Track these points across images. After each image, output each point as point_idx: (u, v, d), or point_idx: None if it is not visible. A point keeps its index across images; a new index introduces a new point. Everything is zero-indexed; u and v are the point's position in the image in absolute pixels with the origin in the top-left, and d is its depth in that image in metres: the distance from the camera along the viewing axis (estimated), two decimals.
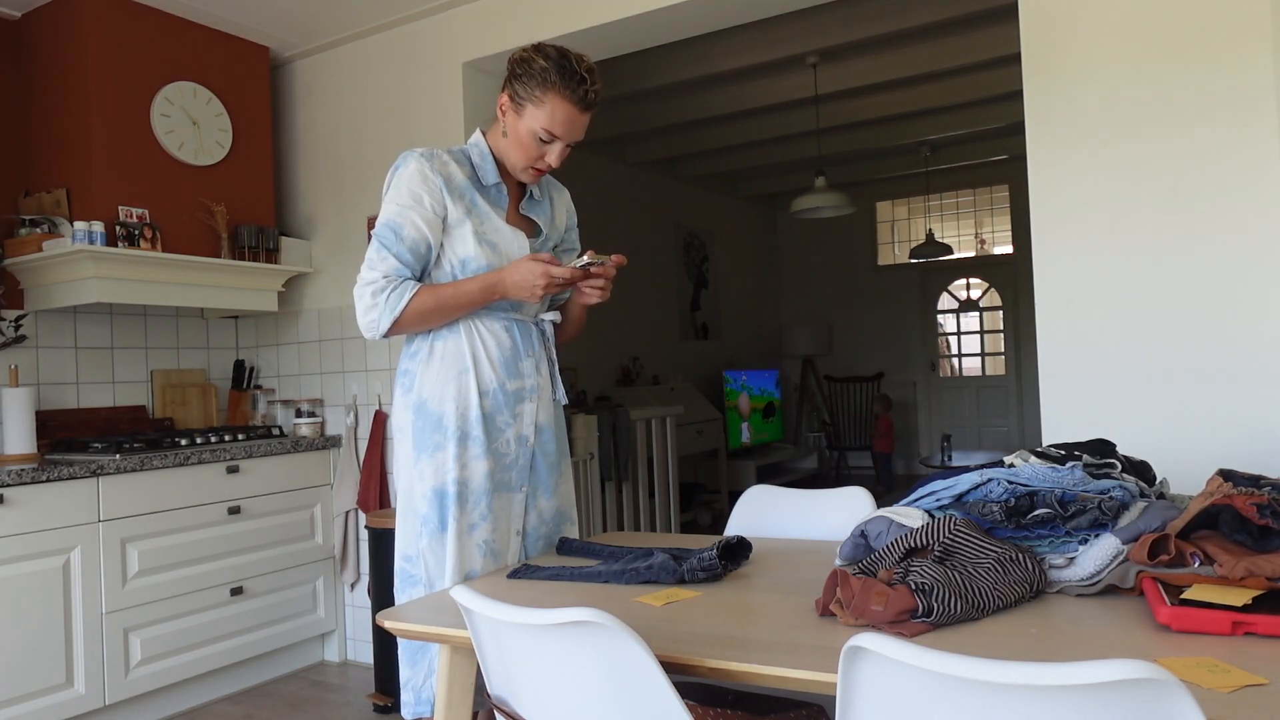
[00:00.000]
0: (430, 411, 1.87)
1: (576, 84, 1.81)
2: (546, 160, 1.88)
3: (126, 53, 3.34)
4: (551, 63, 1.81)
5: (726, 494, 6.80)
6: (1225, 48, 2.26)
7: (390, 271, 1.82)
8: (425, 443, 1.87)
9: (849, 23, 4.67)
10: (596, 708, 1.19)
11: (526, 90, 1.82)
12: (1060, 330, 2.46)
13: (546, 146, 1.86)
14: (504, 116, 1.88)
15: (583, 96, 1.82)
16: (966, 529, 1.42)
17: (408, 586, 1.91)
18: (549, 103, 1.81)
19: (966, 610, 1.29)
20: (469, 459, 1.86)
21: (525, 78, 1.82)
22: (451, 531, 1.84)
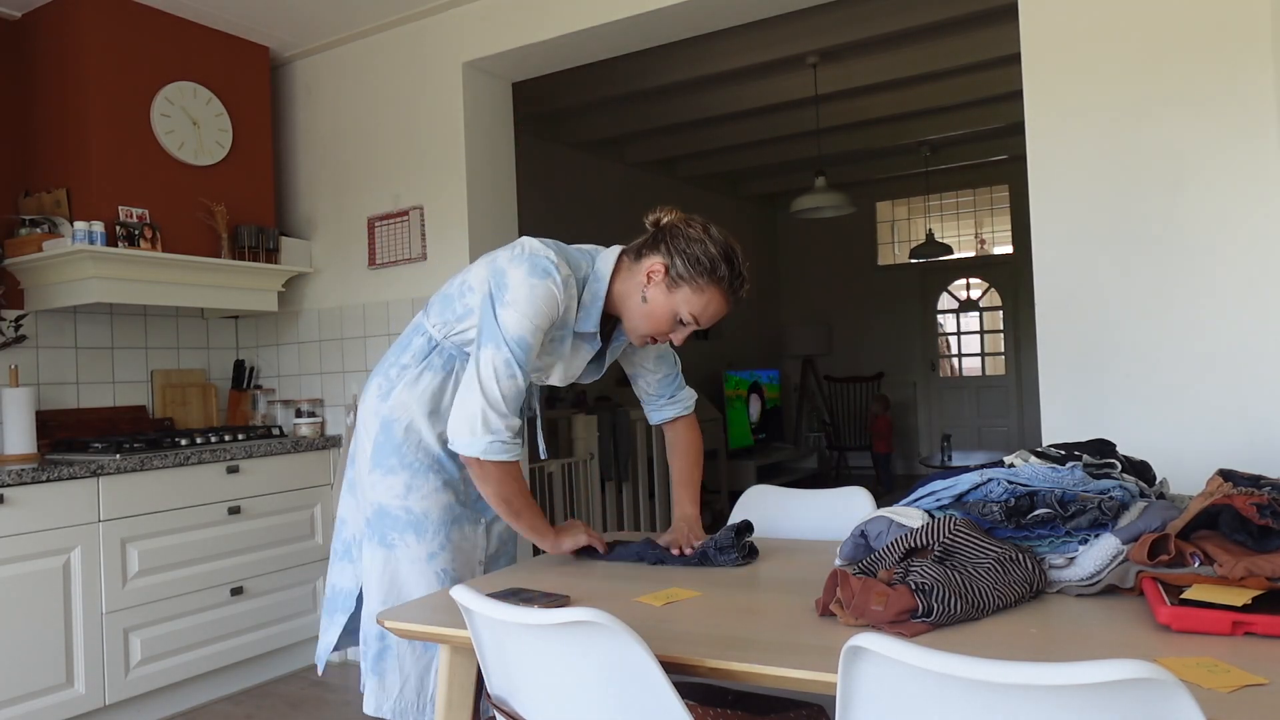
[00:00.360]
0: (393, 434, 1.87)
1: (739, 285, 1.76)
2: (674, 338, 1.82)
3: (126, 53, 3.34)
4: (720, 250, 1.74)
5: (727, 494, 6.80)
6: (1225, 47, 2.26)
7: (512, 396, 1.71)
8: (380, 460, 1.88)
9: (849, 23, 4.67)
10: (596, 708, 1.19)
11: (689, 272, 1.73)
12: (1060, 330, 2.46)
13: (682, 329, 1.79)
14: (648, 284, 1.76)
15: (735, 292, 1.77)
16: (966, 529, 1.42)
17: (345, 564, 1.98)
18: (709, 294, 1.74)
19: (966, 610, 1.29)
20: (426, 490, 1.86)
21: (692, 260, 1.73)
22: (403, 556, 1.86)
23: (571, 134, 6.34)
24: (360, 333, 3.80)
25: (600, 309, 1.81)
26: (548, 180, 6.19)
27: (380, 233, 3.72)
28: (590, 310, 1.81)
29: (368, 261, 3.76)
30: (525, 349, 1.71)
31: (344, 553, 2.00)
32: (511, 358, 1.70)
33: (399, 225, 3.66)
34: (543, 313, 1.72)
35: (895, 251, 9.05)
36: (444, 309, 1.88)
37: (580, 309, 1.81)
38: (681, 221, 1.78)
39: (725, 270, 1.73)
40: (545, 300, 1.71)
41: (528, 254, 1.75)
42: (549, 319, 1.73)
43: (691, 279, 1.73)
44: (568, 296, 1.75)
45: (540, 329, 1.72)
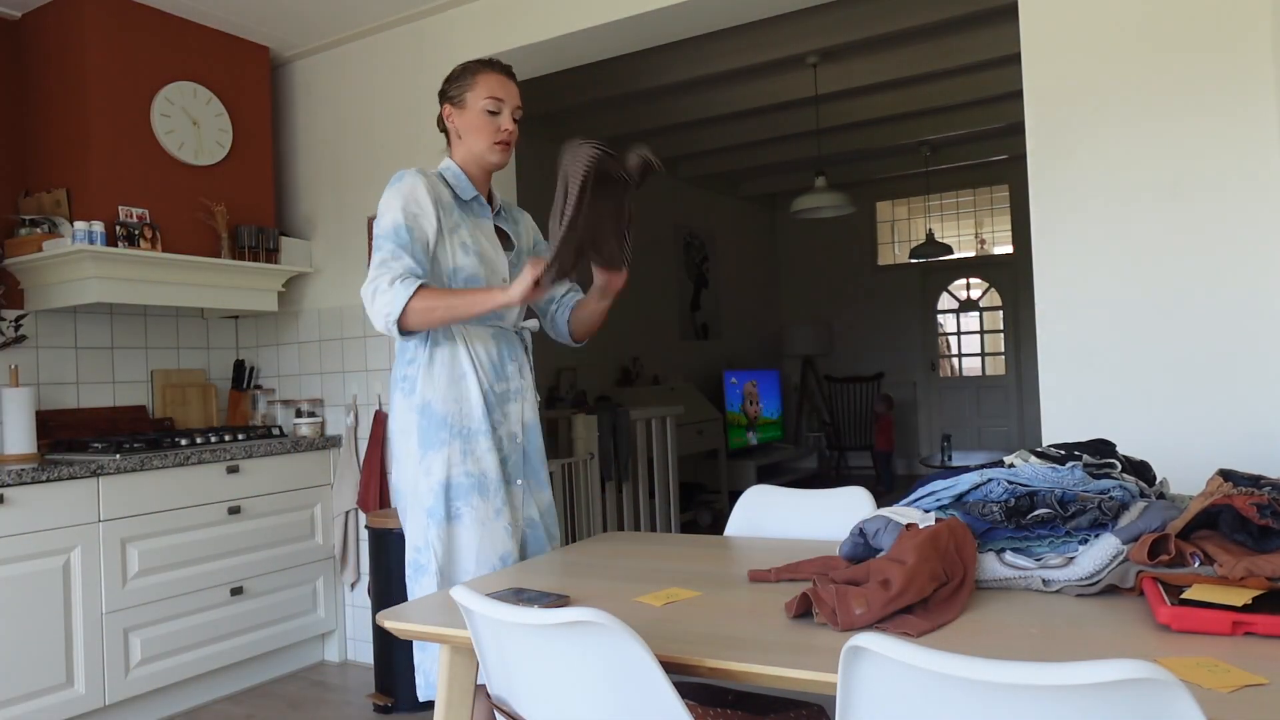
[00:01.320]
0: (435, 412, 2.00)
1: (493, 61, 2.11)
2: (504, 129, 2.08)
3: (126, 53, 3.34)
4: (463, 63, 2.12)
5: (726, 494, 6.80)
6: (1225, 47, 2.26)
7: (402, 270, 1.91)
8: (430, 440, 1.99)
9: (849, 23, 4.67)
10: (596, 708, 1.19)
11: (458, 89, 2.08)
12: (1060, 330, 2.46)
13: (498, 119, 2.08)
14: (453, 123, 2.11)
15: (503, 67, 2.12)
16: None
17: (419, 575, 2.00)
18: (480, 80, 2.07)
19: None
20: (480, 453, 2.00)
21: (453, 80, 2.10)
22: (472, 520, 1.97)
23: (571, 134, 6.32)
24: (360, 333, 3.80)
25: (465, 178, 2.09)
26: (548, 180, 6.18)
27: None
28: (459, 183, 2.09)
29: (368, 261, 3.75)
30: (393, 230, 1.94)
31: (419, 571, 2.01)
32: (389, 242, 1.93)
33: None
34: (412, 199, 1.96)
35: (895, 251, 9.05)
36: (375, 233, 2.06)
37: (452, 188, 2.08)
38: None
39: (474, 63, 2.10)
40: (410, 190, 1.97)
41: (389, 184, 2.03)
42: (425, 200, 1.97)
43: (461, 89, 2.08)
44: (430, 184, 2.00)
45: (420, 206, 1.96)
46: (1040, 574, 1.43)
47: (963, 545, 1.42)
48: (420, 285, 1.90)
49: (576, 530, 4.45)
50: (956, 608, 1.34)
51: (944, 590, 1.36)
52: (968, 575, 1.40)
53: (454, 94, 2.10)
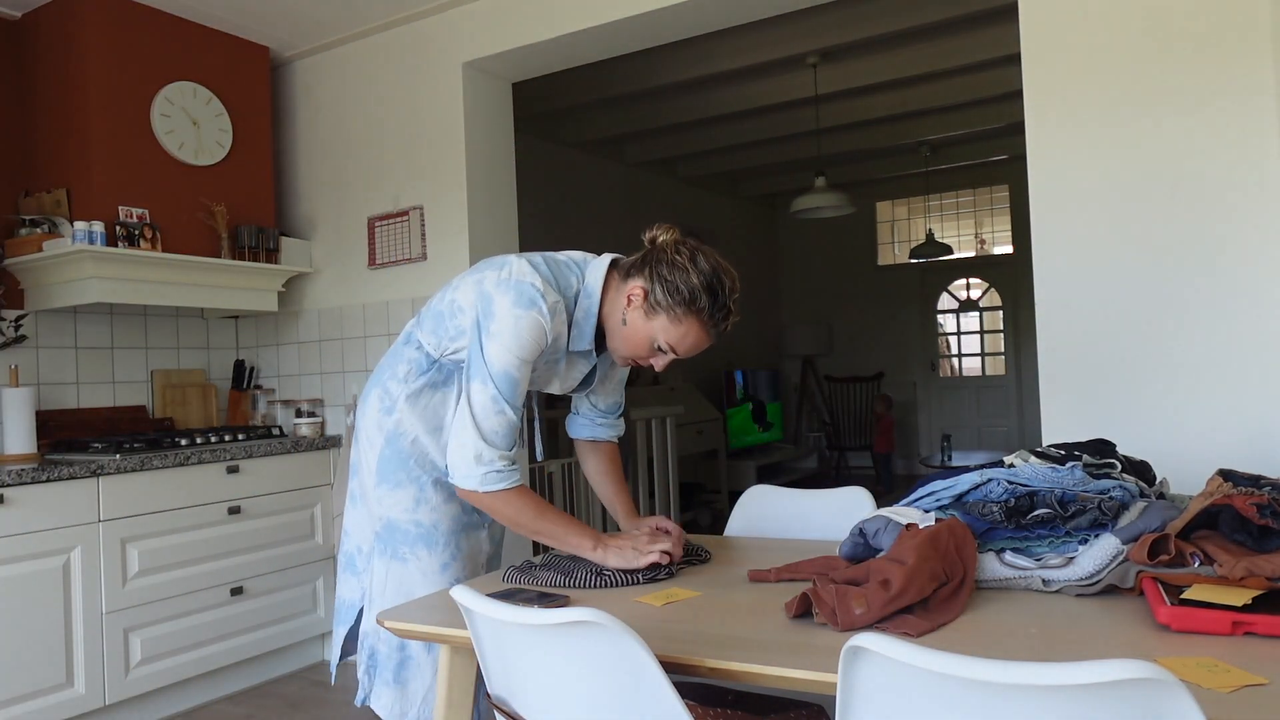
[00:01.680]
0: (400, 448, 1.86)
1: (721, 318, 1.71)
2: (654, 364, 1.78)
3: (126, 53, 3.34)
4: (703, 281, 1.67)
5: (726, 494, 6.80)
6: (1225, 48, 2.26)
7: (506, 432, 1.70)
8: (387, 474, 1.87)
9: (849, 23, 4.67)
10: (596, 708, 1.19)
11: (668, 300, 1.68)
12: (1060, 330, 2.46)
13: (660, 356, 1.76)
14: (629, 306, 1.73)
15: (715, 326, 1.72)
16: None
17: (348, 574, 1.97)
18: (686, 325, 1.69)
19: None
20: (435, 503, 1.86)
21: (672, 289, 1.67)
22: (415, 569, 1.85)
23: (571, 134, 6.34)
24: (360, 333, 3.80)
25: (594, 325, 1.79)
26: (548, 180, 6.19)
27: (380, 233, 3.72)
28: (584, 328, 1.79)
29: (368, 261, 3.76)
30: (510, 383, 1.69)
31: (347, 564, 1.99)
32: (498, 393, 1.68)
33: (399, 225, 3.66)
34: (527, 345, 1.69)
35: (895, 251, 9.04)
36: (436, 327, 1.86)
37: (574, 326, 1.78)
38: (671, 245, 1.72)
39: (706, 302, 1.68)
40: (531, 331, 1.69)
41: (514, 280, 1.70)
42: (535, 349, 1.71)
43: (670, 308, 1.68)
44: (557, 324, 1.72)
45: (526, 361, 1.70)
46: (1040, 574, 1.43)
47: (963, 545, 1.42)
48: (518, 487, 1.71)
49: None
50: (956, 608, 1.34)
51: (944, 590, 1.36)
52: (968, 575, 1.40)
53: (659, 297, 1.69)
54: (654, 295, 1.69)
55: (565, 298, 1.76)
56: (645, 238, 1.78)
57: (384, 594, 1.87)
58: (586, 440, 2.07)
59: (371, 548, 1.91)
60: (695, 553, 1.82)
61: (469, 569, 1.91)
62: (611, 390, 2.05)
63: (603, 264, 1.80)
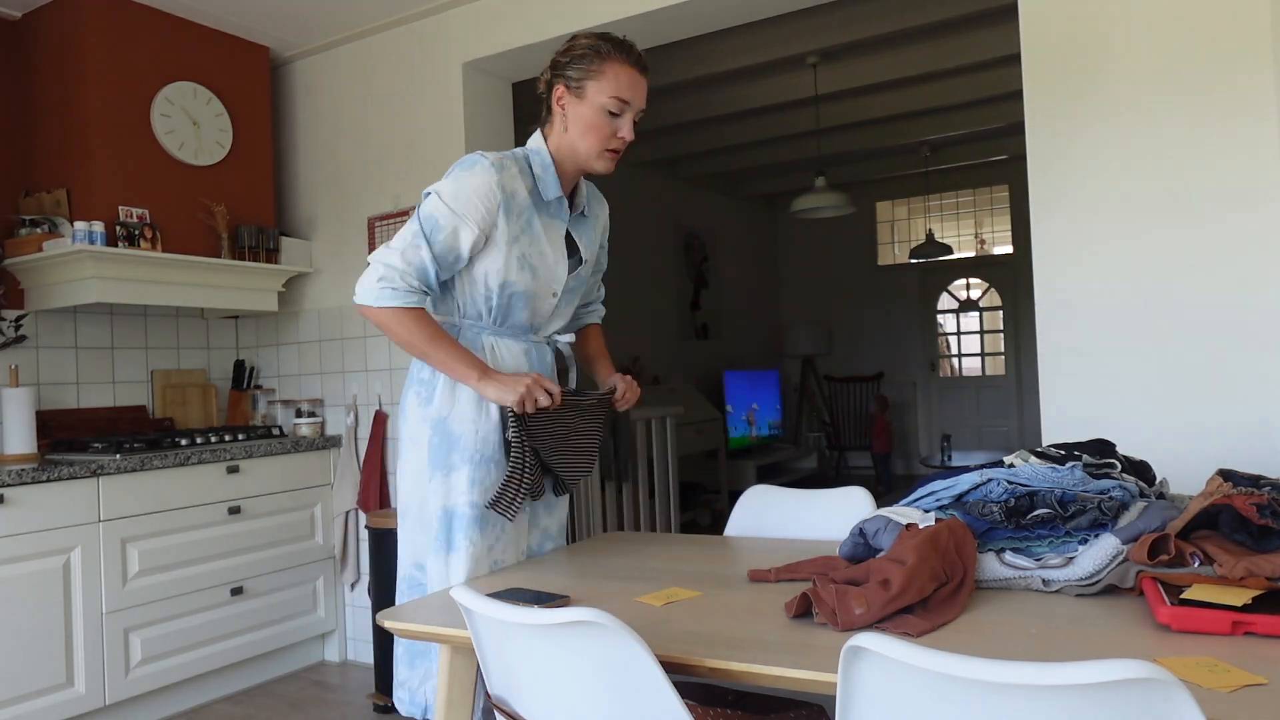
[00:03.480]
0: (450, 431, 1.84)
1: (628, 49, 1.81)
2: (620, 135, 1.84)
3: (126, 53, 3.34)
4: (594, 38, 1.81)
5: (726, 494, 6.80)
6: (1225, 47, 2.26)
7: (412, 268, 1.75)
8: (440, 461, 1.84)
9: (849, 23, 4.67)
10: (596, 708, 1.19)
11: (581, 71, 1.79)
12: (1060, 330, 2.46)
13: (618, 120, 1.82)
14: (564, 109, 1.83)
15: (637, 59, 1.82)
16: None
17: (415, 593, 1.91)
18: (610, 70, 1.79)
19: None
20: (490, 483, 1.84)
21: (577, 60, 1.80)
22: (466, 554, 1.82)
23: None
24: (360, 333, 3.80)
25: (554, 173, 1.86)
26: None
27: (380, 233, 3.72)
28: (546, 178, 1.86)
29: (368, 251, 3.75)
30: (432, 223, 1.75)
31: (412, 587, 1.94)
32: (419, 229, 1.76)
33: (399, 225, 3.66)
34: (469, 200, 1.75)
35: (895, 251, 9.04)
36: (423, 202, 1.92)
37: (536, 180, 1.86)
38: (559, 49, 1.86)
39: (607, 45, 1.79)
40: (475, 188, 1.76)
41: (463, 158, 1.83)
42: (482, 205, 1.76)
43: (586, 72, 1.79)
44: (507, 176, 1.79)
45: (472, 210, 1.75)
46: (1040, 574, 1.43)
47: (963, 545, 1.42)
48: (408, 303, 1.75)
49: (576, 530, 4.45)
50: (956, 608, 1.34)
51: (944, 590, 1.36)
52: (968, 575, 1.40)
53: (573, 76, 1.80)
54: (570, 81, 1.81)
55: (517, 160, 1.85)
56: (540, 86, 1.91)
57: (445, 585, 1.83)
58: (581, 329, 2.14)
59: (428, 550, 1.87)
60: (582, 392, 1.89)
61: (513, 553, 1.90)
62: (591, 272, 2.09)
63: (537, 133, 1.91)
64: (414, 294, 1.77)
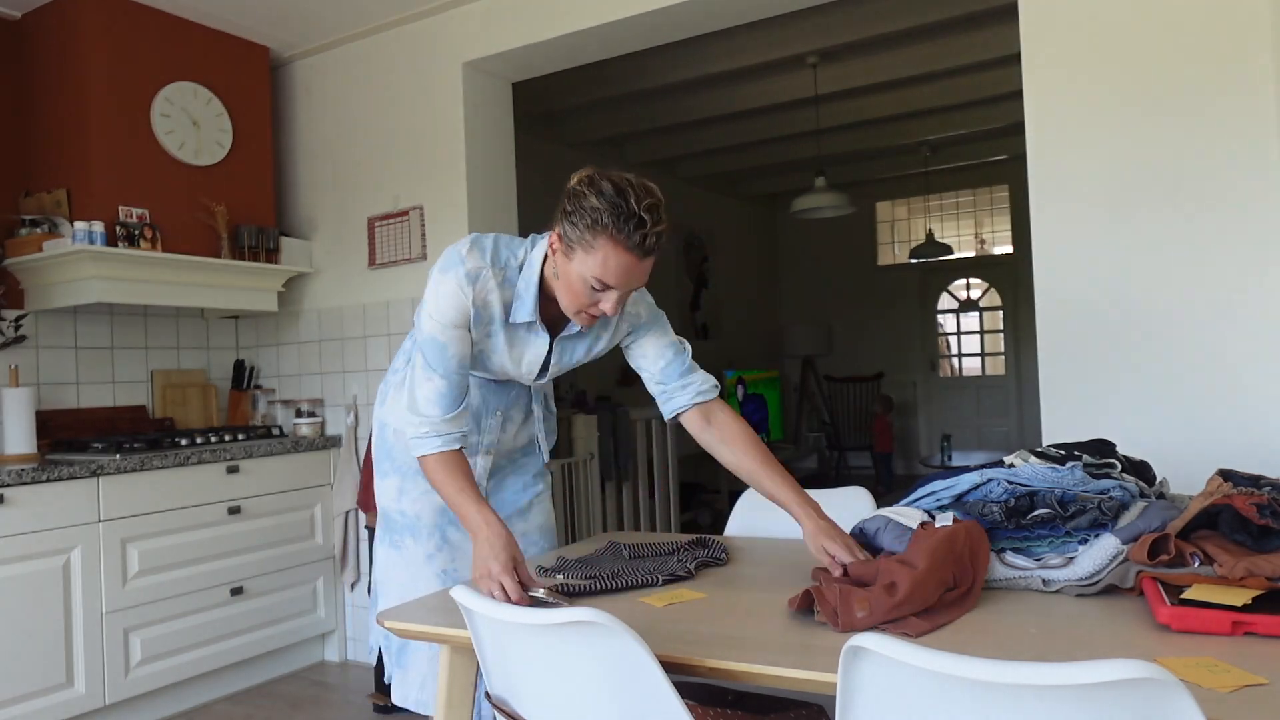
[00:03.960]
0: (385, 440, 1.94)
1: (633, 228, 1.53)
2: (601, 309, 1.63)
3: (126, 53, 3.34)
4: (604, 200, 1.53)
5: (726, 494, 6.80)
6: (1225, 47, 2.26)
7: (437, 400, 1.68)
8: (380, 461, 1.96)
9: (849, 23, 4.67)
10: (597, 708, 1.19)
11: (576, 233, 1.56)
12: (1060, 330, 2.46)
13: (600, 295, 1.61)
14: (554, 256, 1.65)
15: (640, 242, 1.55)
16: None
17: (389, 535, 1.95)
18: (600, 249, 1.55)
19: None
20: (416, 494, 1.91)
21: (575, 217, 1.56)
22: (405, 556, 1.91)
23: (571, 134, 6.34)
24: (360, 333, 3.80)
25: (534, 297, 1.70)
26: (548, 180, 6.17)
27: (380, 233, 3.72)
28: (525, 298, 1.71)
29: (368, 261, 3.76)
30: (434, 348, 1.68)
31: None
32: (425, 360, 1.70)
33: (399, 225, 3.66)
34: (444, 309, 1.66)
35: (895, 251, 9.04)
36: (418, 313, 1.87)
37: (516, 298, 1.72)
38: (575, 180, 1.61)
39: (609, 219, 1.53)
40: (447, 297, 1.66)
41: (450, 248, 1.70)
42: (455, 313, 1.67)
43: (580, 239, 1.56)
44: (479, 292, 1.67)
45: (446, 326, 1.67)
46: (1040, 574, 1.43)
47: (977, 552, 1.42)
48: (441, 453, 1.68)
49: (576, 530, 4.45)
50: (958, 611, 1.34)
51: (949, 595, 1.36)
52: (976, 584, 1.40)
53: (569, 233, 1.59)
54: (565, 235, 1.60)
55: (505, 269, 1.70)
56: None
57: (383, 581, 1.94)
58: (689, 415, 1.89)
59: (379, 537, 1.97)
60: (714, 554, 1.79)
61: (461, 561, 1.91)
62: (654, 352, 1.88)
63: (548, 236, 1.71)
64: (441, 439, 1.68)
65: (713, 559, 1.78)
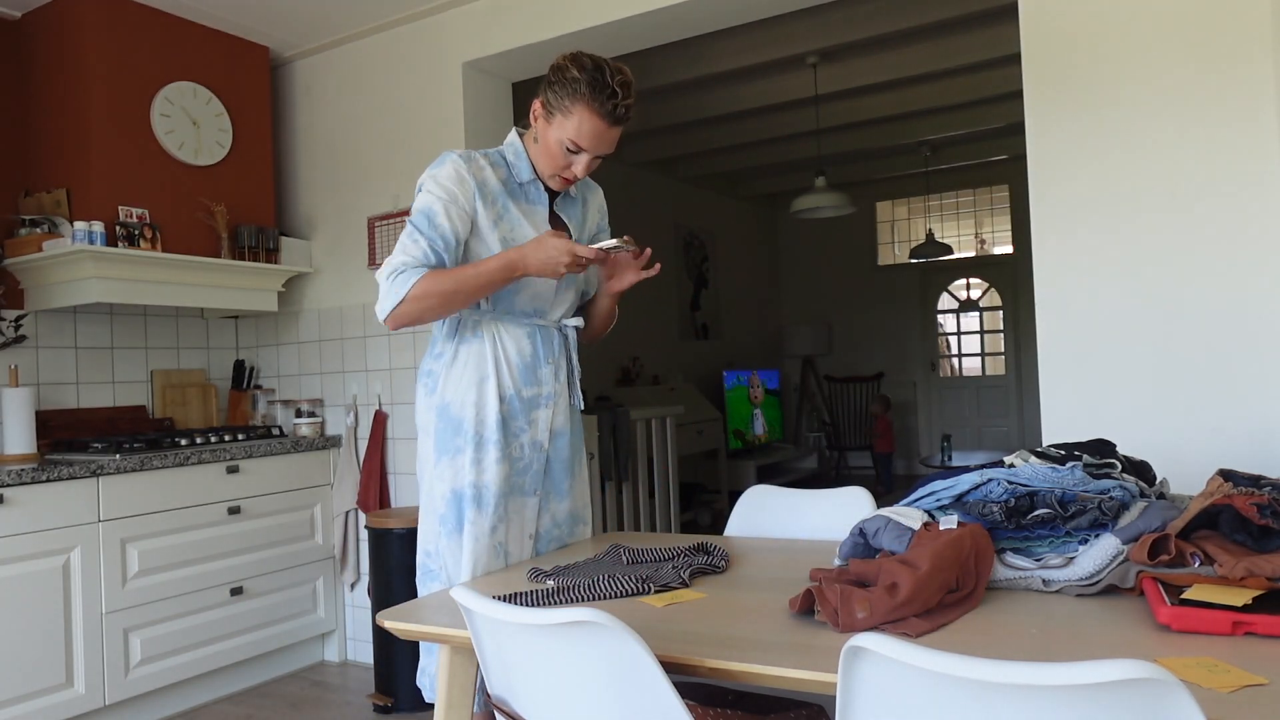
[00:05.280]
0: (452, 415, 1.91)
1: (606, 97, 1.79)
2: (573, 170, 1.88)
3: (126, 53, 3.34)
4: (584, 74, 1.79)
5: (726, 494, 6.80)
6: (1225, 47, 2.26)
7: (419, 256, 1.80)
8: (446, 445, 1.92)
9: (849, 23, 4.67)
10: (596, 708, 1.19)
11: (557, 99, 1.82)
12: (1060, 330, 2.46)
13: (573, 157, 1.86)
14: (535, 122, 1.89)
15: (611, 110, 1.81)
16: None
17: (428, 580, 1.97)
18: (576, 114, 1.80)
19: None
20: (486, 463, 1.90)
21: (557, 86, 1.81)
22: (469, 533, 1.88)
23: None
24: (360, 333, 3.80)
25: (525, 159, 1.93)
26: None
27: (380, 233, 3.72)
28: (518, 164, 1.93)
29: (368, 261, 3.76)
30: (427, 215, 1.82)
31: (425, 574, 1.98)
32: (413, 226, 1.82)
33: (399, 225, 3.66)
34: (444, 186, 1.83)
35: (895, 251, 9.05)
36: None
37: (510, 169, 1.93)
38: (559, 58, 1.85)
39: (586, 89, 1.78)
40: (446, 176, 1.84)
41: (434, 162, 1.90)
42: (458, 188, 1.83)
43: (558, 104, 1.81)
44: (475, 169, 1.86)
45: (451, 194, 1.83)
46: (1040, 574, 1.43)
47: (982, 557, 1.42)
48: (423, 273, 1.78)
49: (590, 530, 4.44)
50: (959, 612, 1.34)
51: (950, 597, 1.35)
52: (978, 588, 1.40)
53: (550, 100, 1.84)
54: (546, 102, 1.84)
55: (488, 155, 1.92)
56: None
57: (457, 567, 1.89)
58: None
59: (440, 539, 1.92)
60: (712, 562, 1.79)
61: (513, 534, 1.93)
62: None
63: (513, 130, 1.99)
64: (422, 268, 1.80)
65: (711, 567, 1.77)
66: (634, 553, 1.86)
